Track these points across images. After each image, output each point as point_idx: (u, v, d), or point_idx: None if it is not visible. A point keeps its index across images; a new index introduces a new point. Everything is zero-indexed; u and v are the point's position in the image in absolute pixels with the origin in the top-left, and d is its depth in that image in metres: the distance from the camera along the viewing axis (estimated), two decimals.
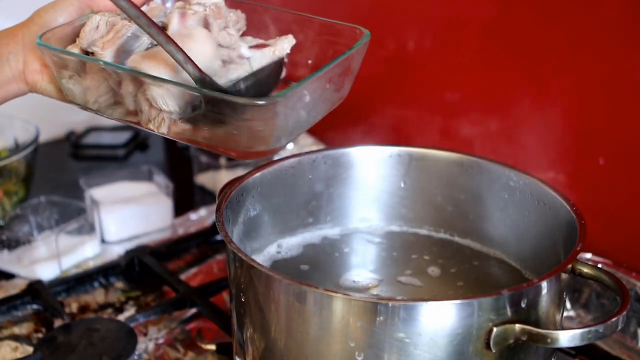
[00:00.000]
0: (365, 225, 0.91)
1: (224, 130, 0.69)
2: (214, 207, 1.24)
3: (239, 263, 0.71)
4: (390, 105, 1.23)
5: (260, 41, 0.80)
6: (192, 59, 0.69)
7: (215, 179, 1.30)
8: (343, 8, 1.23)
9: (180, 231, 1.19)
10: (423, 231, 0.90)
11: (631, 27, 0.91)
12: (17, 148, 1.26)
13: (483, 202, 0.86)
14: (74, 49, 0.75)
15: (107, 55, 0.73)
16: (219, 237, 1.15)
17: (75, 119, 1.54)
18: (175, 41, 0.69)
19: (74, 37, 0.76)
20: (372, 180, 0.90)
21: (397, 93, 1.22)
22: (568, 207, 0.77)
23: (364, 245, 0.90)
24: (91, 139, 1.52)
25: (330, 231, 0.90)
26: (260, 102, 0.66)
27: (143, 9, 0.78)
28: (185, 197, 1.29)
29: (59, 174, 1.42)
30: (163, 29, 0.72)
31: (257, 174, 0.83)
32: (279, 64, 0.75)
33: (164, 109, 0.69)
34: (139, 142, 1.51)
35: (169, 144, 1.51)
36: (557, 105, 1.01)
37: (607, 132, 0.97)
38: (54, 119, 1.46)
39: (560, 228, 0.78)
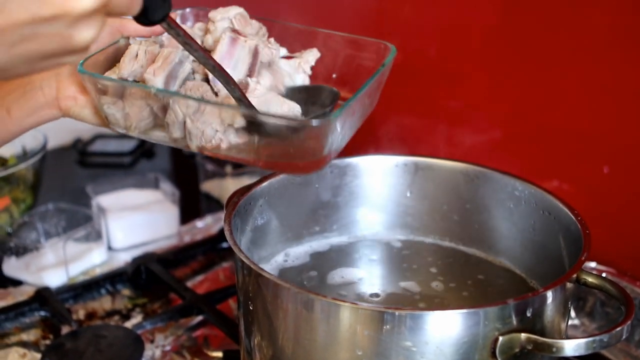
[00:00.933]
0: (371, 234, 0.92)
1: (279, 149, 0.71)
2: (220, 214, 1.25)
3: (247, 271, 0.72)
4: (394, 113, 1.23)
5: (287, 52, 0.82)
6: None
7: (221, 187, 1.31)
8: (348, 17, 1.24)
9: (187, 239, 1.20)
10: (429, 240, 0.91)
11: (635, 34, 0.92)
12: (25, 155, 1.27)
13: (488, 212, 0.87)
14: (112, 76, 0.76)
15: (158, 82, 0.74)
16: (225, 245, 1.15)
17: (82, 126, 1.54)
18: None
19: (106, 61, 0.78)
20: (378, 189, 0.91)
21: (402, 102, 1.22)
22: (573, 216, 0.77)
23: (370, 253, 0.90)
24: (98, 146, 1.53)
25: (336, 239, 0.91)
26: (315, 123, 0.68)
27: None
28: (192, 205, 1.30)
29: (66, 181, 1.43)
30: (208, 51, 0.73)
31: (265, 183, 0.84)
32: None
33: (219, 130, 0.71)
34: (145, 149, 1.52)
35: (175, 152, 1.52)
36: (561, 113, 1.02)
37: (612, 141, 0.97)
38: (61, 127, 1.45)
39: (565, 237, 0.79)
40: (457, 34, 1.11)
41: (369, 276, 0.87)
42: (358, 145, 1.26)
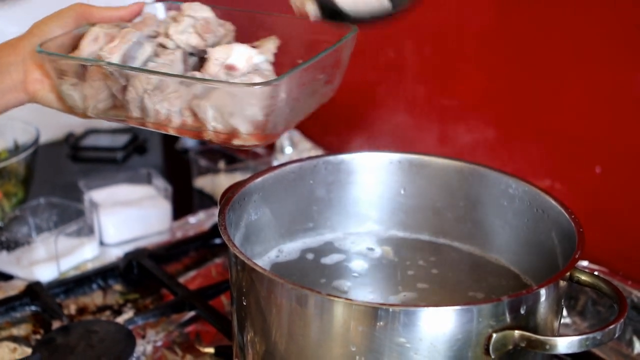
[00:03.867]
0: (365, 231, 0.92)
1: (226, 116, 0.72)
2: (212, 210, 1.24)
3: (241, 266, 0.72)
4: (388, 112, 1.23)
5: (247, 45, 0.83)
6: None
7: (214, 183, 1.31)
8: None
9: (179, 234, 1.20)
10: (423, 237, 0.91)
11: (629, 37, 0.92)
12: (16, 149, 1.26)
13: (482, 209, 0.87)
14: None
15: (114, 60, 0.75)
16: (217, 241, 1.15)
17: (75, 121, 1.52)
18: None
19: (71, 46, 0.80)
20: (372, 186, 0.91)
21: (396, 100, 1.22)
22: (567, 215, 0.78)
23: (364, 250, 0.90)
24: (90, 141, 1.52)
25: (330, 236, 0.91)
26: (257, 86, 0.70)
27: (136, 20, 0.83)
28: (184, 201, 1.30)
29: (58, 175, 1.42)
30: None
31: (259, 179, 0.84)
32: None
33: (172, 109, 0.72)
34: (137, 145, 1.52)
35: (168, 148, 1.51)
36: (554, 114, 1.02)
37: (604, 142, 0.97)
38: (53, 121, 1.45)
39: (558, 236, 0.79)
40: (452, 33, 1.11)
41: (362, 272, 0.87)
42: (352, 143, 1.27)
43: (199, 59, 0.81)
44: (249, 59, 0.75)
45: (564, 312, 0.97)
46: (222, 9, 0.86)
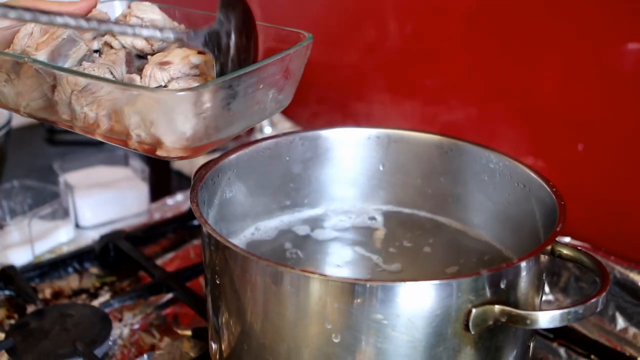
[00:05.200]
0: (343, 208, 0.90)
1: (148, 125, 0.66)
2: None
3: (214, 245, 0.70)
4: (369, 91, 1.22)
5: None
6: None
7: (192, 164, 1.28)
8: None
9: (157, 216, 1.18)
10: (403, 212, 0.89)
11: (611, 14, 0.91)
12: None
13: (463, 184, 0.85)
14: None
15: (40, 56, 0.71)
16: (195, 222, 1.13)
17: None
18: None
19: (11, 41, 0.76)
20: (350, 162, 0.89)
21: (377, 79, 1.21)
22: (548, 188, 0.76)
23: (342, 227, 0.88)
24: None
25: (307, 213, 0.89)
26: (179, 93, 0.64)
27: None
28: (162, 182, 1.28)
29: (34, 159, 1.40)
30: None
31: (233, 155, 0.82)
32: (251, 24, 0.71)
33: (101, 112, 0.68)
34: None
35: None
36: (536, 92, 1.01)
37: (586, 119, 0.96)
38: None
39: (540, 209, 0.77)
40: (435, 12, 1.09)
41: (341, 249, 0.85)
42: (330, 121, 1.25)
43: None
44: (184, 58, 0.71)
45: (547, 289, 0.96)
46: (178, 9, 0.83)
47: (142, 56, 0.77)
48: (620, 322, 0.91)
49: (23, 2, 0.77)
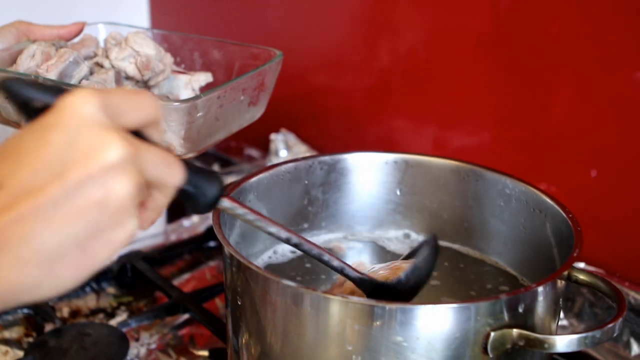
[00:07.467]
0: (360, 231, 0.91)
1: None
2: (206, 213, 1.23)
3: (236, 266, 0.71)
4: (384, 116, 1.23)
5: (180, 69, 0.91)
6: None
7: None
8: (338, 20, 1.24)
9: (173, 237, 1.19)
10: (419, 238, 0.90)
11: (625, 40, 0.92)
12: None
13: (479, 210, 0.86)
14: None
15: (51, 75, 0.80)
16: (212, 244, 1.14)
17: None
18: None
19: (10, 62, 0.84)
20: (367, 187, 0.90)
21: (391, 104, 1.22)
22: (564, 214, 0.77)
23: (359, 251, 0.89)
24: None
25: (325, 237, 0.90)
26: (176, 104, 0.74)
27: (75, 40, 0.89)
28: (178, 203, 1.28)
29: None
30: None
31: (254, 179, 0.83)
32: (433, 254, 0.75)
33: None
34: None
35: None
36: (550, 118, 1.02)
37: (599, 145, 0.97)
38: None
39: (556, 235, 0.78)
40: (449, 38, 1.11)
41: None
42: (346, 145, 1.26)
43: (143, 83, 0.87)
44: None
45: (561, 314, 0.96)
46: (160, 32, 0.94)
47: (130, 77, 0.86)
48: (635, 348, 0.91)
49: (17, 25, 0.84)
